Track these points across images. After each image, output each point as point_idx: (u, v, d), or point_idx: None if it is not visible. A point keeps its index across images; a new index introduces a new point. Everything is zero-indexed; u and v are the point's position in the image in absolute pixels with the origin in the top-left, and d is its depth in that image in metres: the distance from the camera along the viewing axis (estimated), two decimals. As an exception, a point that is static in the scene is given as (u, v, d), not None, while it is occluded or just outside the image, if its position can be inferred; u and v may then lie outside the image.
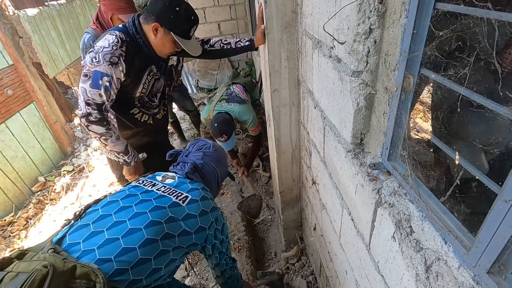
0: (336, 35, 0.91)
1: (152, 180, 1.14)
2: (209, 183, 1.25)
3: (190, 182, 1.15)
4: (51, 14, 4.12)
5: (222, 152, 1.35)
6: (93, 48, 1.33)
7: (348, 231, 1.16)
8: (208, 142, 1.32)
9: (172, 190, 1.08)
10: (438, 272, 0.63)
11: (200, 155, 1.26)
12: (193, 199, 1.07)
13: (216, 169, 1.27)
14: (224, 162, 1.34)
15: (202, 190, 1.13)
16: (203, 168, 1.23)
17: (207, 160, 1.25)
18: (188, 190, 1.11)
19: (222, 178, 1.33)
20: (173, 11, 1.35)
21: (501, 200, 0.47)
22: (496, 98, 0.49)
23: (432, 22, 0.57)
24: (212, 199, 1.16)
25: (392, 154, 0.83)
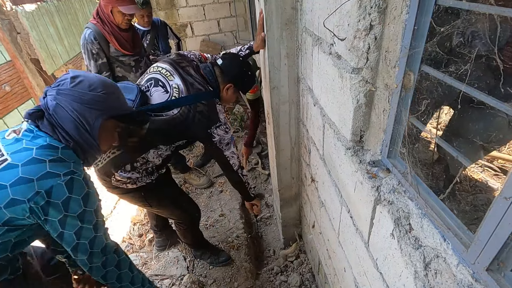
0: (336, 32, 0.91)
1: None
2: (67, 133, 0.94)
3: (34, 137, 0.90)
4: (49, 10, 4.09)
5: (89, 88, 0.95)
6: (220, 121, 1.43)
7: (347, 229, 1.16)
8: (67, 77, 0.96)
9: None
10: (437, 270, 0.63)
11: (53, 93, 0.93)
12: (12, 163, 0.84)
13: (77, 112, 0.93)
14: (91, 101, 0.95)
15: (37, 149, 0.87)
16: (55, 113, 0.92)
17: (62, 100, 0.92)
18: (15, 150, 0.87)
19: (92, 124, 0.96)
20: (246, 75, 1.55)
21: (501, 197, 0.47)
22: (497, 94, 0.49)
23: (433, 18, 0.57)
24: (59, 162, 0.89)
25: (391, 151, 0.83)
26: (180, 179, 3.03)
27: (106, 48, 2.18)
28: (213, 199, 2.79)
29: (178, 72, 1.43)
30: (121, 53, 2.24)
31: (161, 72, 1.44)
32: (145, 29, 2.87)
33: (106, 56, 2.19)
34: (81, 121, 0.94)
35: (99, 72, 2.18)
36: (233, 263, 2.11)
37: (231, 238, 2.31)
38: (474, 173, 1.41)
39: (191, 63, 1.51)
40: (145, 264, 2.16)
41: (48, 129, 0.93)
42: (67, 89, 0.93)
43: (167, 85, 1.41)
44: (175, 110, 1.36)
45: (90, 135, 0.97)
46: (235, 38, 5.10)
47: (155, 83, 1.43)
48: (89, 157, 1.03)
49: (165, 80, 1.42)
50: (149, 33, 2.89)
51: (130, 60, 2.32)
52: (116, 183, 1.49)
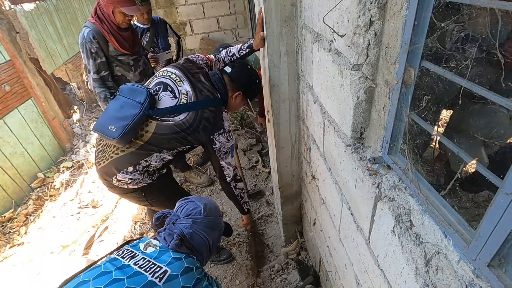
0: (336, 28, 0.90)
1: (133, 250, 1.04)
2: (199, 252, 1.12)
3: (173, 251, 1.04)
4: (48, 9, 4.08)
5: (215, 214, 1.19)
6: (224, 129, 1.46)
7: (347, 226, 1.16)
8: (199, 205, 1.15)
9: (150, 264, 0.97)
10: (438, 266, 0.63)
11: (188, 223, 1.10)
12: (172, 274, 0.96)
13: (208, 237, 1.13)
14: (217, 226, 1.19)
15: (185, 260, 1.02)
16: (191, 239, 1.09)
17: (197, 228, 1.11)
18: (168, 261, 0.99)
19: (215, 243, 1.19)
20: (255, 83, 1.60)
21: (502, 193, 0.47)
22: (498, 90, 0.48)
23: (434, 13, 0.56)
24: (198, 268, 1.05)
25: (392, 148, 0.82)
26: (181, 178, 3.04)
27: (105, 47, 2.17)
28: (214, 198, 2.79)
29: (187, 78, 1.44)
30: (120, 52, 2.23)
31: (170, 77, 1.44)
32: (144, 26, 2.87)
33: (105, 55, 2.19)
34: (208, 242, 1.14)
35: (98, 71, 2.18)
36: (234, 261, 2.12)
37: (232, 236, 2.32)
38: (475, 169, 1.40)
39: (201, 70, 1.53)
40: (146, 263, 2.16)
41: (187, 252, 1.07)
42: (201, 217, 1.13)
43: (176, 90, 1.41)
44: (181, 116, 1.37)
45: (210, 251, 1.17)
46: (234, 36, 5.09)
47: (164, 88, 1.43)
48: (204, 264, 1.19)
49: (174, 85, 1.42)
50: (148, 30, 2.89)
51: (129, 59, 2.31)
52: (117, 183, 1.50)
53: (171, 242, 1.04)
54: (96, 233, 2.66)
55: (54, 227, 2.84)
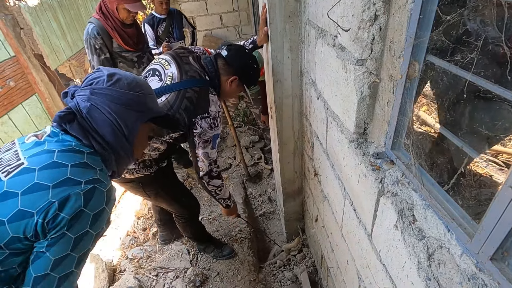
0: (340, 23, 0.90)
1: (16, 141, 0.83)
2: (103, 138, 0.83)
3: (58, 140, 0.79)
4: (52, 5, 4.09)
5: (131, 89, 0.86)
6: (209, 114, 1.34)
7: (350, 222, 1.16)
8: (103, 73, 0.85)
9: (12, 156, 0.76)
10: (440, 260, 0.63)
11: (86, 94, 0.81)
12: (28, 167, 0.72)
13: (115, 115, 0.83)
14: (134, 103, 0.86)
15: (59, 153, 0.76)
16: (89, 115, 0.81)
17: (98, 100, 0.81)
18: (34, 154, 0.75)
19: (131, 128, 0.87)
20: (252, 68, 1.47)
21: (506, 186, 0.47)
22: (504, 83, 0.48)
23: (439, 6, 0.56)
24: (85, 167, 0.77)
25: (395, 143, 0.82)
26: (183, 174, 3.05)
27: (109, 43, 2.18)
28: (216, 194, 2.80)
29: (175, 61, 1.39)
30: (123, 49, 2.24)
31: (160, 62, 1.43)
32: (161, 16, 2.94)
33: (109, 51, 2.20)
34: (119, 124, 0.84)
35: None
36: (236, 257, 2.13)
37: (234, 232, 2.33)
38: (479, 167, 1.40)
39: (192, 53, 1.48)
40: (149, 257, 2.18)
41: (79, 133, 0.81)
42: (104, 88, 0.82)
43: (163, 74, 1.38)
44: (163, 97, 1.32)
45: (127, 140, 0.87)
46: (237, 33, 5.07)
47: (152, 73, 1.42)
48: (120, 166, 0.92)
49: (162, 69, 1.40)
50: (165, 21, 2.96)
51: (132, 56, 2.32)
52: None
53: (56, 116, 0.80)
54: (99, 228, 2.68)
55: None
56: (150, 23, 2.92)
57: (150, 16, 2.96)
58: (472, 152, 0.56)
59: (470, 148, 0.57)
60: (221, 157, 3.29)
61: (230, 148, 3.39)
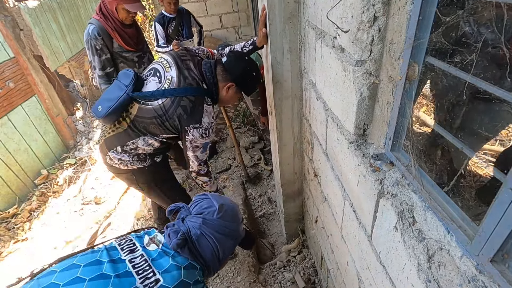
0: (339, 24, 0.90)
1: (135, 242, 0.95)
2: (203, 259, 0.97)
3: (174, 256, 0.92)
4: (52, 6, 4.09)
5: (233, 220, 1.02)
6: (201, 125, 1.39)
7: (349, 223, 1.16)
8: (214, 205, 0.99)
9: (146, 266, 0.87)
10: (440, 262, 0.63)
11: (198, 222, 0.96)
12: (164, 285, 0.84)
13: (217, 243, 0.96)
14: (232, 233, 1.01)
15: (184, 271, 0.89)
16: (197, 241, 0.95)
17: (206, 231, 0.96)
18: (165, 268, 0.87)
19: (226, 253, 1.01)
20: (250, 76, 1.47)
21: (507, 188, 0.47)
22: (504, 85, 0.48)
23: (439, 8, 0.56)
24: (198, 283, 0.92)
25: (395, 144, 0.82)
26: (183, 175, 3.05)
27: (110, 44, 2.18)
28: (216, 195, 2.80)
29: (176, 65, 1.42)
30: (124, 49, 2.24)
31: (162, 63, 1.45)
32: (171, 16, 2.98)
33: (110, 51, 2.20)
34: (217, 250, 0.97)
35: (103, 67, 2.19)
36: (236, 258, 2.12)
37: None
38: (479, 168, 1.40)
39: (194, 58, 1.49)
40: (149, 259, 2.18)
41: (189, 256, 0.94)
42: (214, 219, 0.97)
43: (163, 76, 1.41)
44: (159, 101, 1.36)
45: (219, 261, 1.01)
46: (237, 34, 5.08)
47: (153, 73, 1.45)
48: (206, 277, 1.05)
49: (163, 71, 1.43)
50: (174, 20, 3.00)
51: (133, 56, 2.32)
52: (109, 161, 1.56)
53: (173, 240, 0.92)
54: (99, 229, 2.68)
55: (57, 223, 2.87)
56: (160, 22, 2.96)
57: (160, 15, 3.01)
58: (472, 153, 0.56)
59: (470, 149, 0.57)
60: (220, 158, 3.29)
61: (229, 149, 3.39)
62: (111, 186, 3.24)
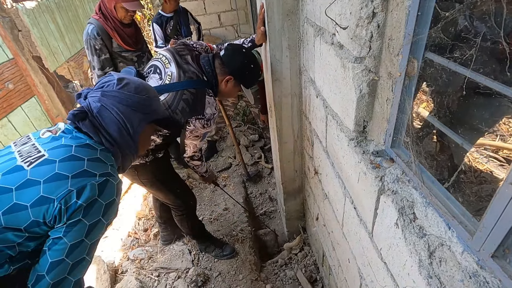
0: (338, 20, 0.90)
1: (31, 136, 0.90)
2: (110, 135, 0.91)
3: (72, 137, 0.87)
4: (50, 7, 4.08)
5: (139, 92, 0.95)
6: (203, 116, 1.41)
7: (350, 220, 1.16)
8: (113, 77, 0.94)
9: (32, 149, 0.84)
10: (441, 258, 0.63)
11: (97, 95, 0.90)
12: (49, 159, 0.80)
13: (122, 115, 0.91)
14: (140, 106, 0.94)
15: (77, 148, 0.84)
16: (99, 114, 0.89)
17: (107, 102, 0.90)
18: (53, 147, 0.83)
19: (136, 128, 0.95)
20: (248, 68, 1.46)
21: (507, 183, 0.46)
22: (503, 79, 0.48)
23: (437, 3, 0.56)
24: (97, 161, 0.85)
25: (395, 141, 0.82)
26: (184, 174, 3.05)
27: (109, 44, 2.18)
28: (216, 193, 2.80)
29: (175, 60, 1.42)
30: (123, 49, 2.24)
31: (161, 59, 1.45)
32: (169, 15, 2.97)
33: (109, 51, 2.20)
34: (125, 124, 0.92)
35: (102, 67, 2.18)
36: (237, 256, 2.13)
37: (235, 231, 2.33)
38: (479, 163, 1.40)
39: (192, 52, 1.48)
40: (150, 258, 2.18)
41: (90, 130, 0.89)
42: (113, 91, 0.91)
43: (163, 72, 1.41)
44: (162, 97, 1.36)
45: (131, 138, 0.95)
46: (236, 32, 5.06)
47: (154, 70, 1.45)
48: (125, 162, 1.00)
49: (162, 67, 1.43)
50: (172, 19, 2.99)
51: (132, 55, 2.32)
52: None
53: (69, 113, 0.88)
54: (100, 229, 2.68)
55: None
56: (158, 23, 2.95)
57: (157, 15, 3.00)
58: (472, 148, 0.56)
59: (470, 145, 0.57)
60: (221, 157, 3.29)
61: (230, 147, 3.39)
62: (112, 186, 3.23)
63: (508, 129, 1.32)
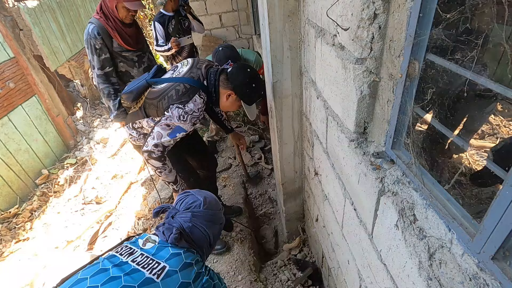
0: (339, 22, 0.90)
1: (132, 247, 1.02)
2: (199, 246, 1.08)
3: (172, 246, 1.01)
4: (51, 6, 4.09)
5: (215, 208, 1.14)
6: (184, 107, 1.45)
7: (350, 221, 1.16)
8: (198, 199, 1.12)
9: (149, 260, 0.95)
10: (441, 260, 0.63)
11: (188, 216, 1.07)
12: (171, 270, 0.93)
13: (208, 230, 1.09)
14: (217, 219, 1.14)
15: (184, 255, 0.99)
16: (191, 233, 1.06)
17: (197, 222, 1.07)
18: (167, 257, 0.96)
19: (215, 237, 1.15)
20: (249, 87, 1.53)
21: (508, 186, 0.46)
22: (505, 82, 0.48)
23: (439, 4, 0.56)
24: (198, 263, 1.02)
25: (396, 142, 0.82)
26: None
27: (109, 43, 2.18)
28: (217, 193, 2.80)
29: (192, 64, 1.58)
30: (124, 48, 2.24)
31: (183, 62, 1.65)
32: (170, 14, 3.01)
33: (109, 51, 2.20)
34: (209, 236, 1.10)
35: (102, 67, 2.18)
36: (231, 253, 2.12)
37: (235, 232, 2.33)
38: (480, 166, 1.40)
39: (208, 64, 1.62)
40: (150, 258, 2.18)
41: (186, 245, 1.03)
42: (201, 211, 1.08)
43: (178, 70, 1.59)
44: (163, 84, 1.53)
45: (210, 246, 1.13)
46: (237, 33, 5.07)
47: (173, 68, 1.65)
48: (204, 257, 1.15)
49: (180, 66, 1.61)
50: (173, 18, 3.03)
51: (133, 55, 2.32)
52: (127, 135, 1.79)
53: (169, 236, 1.01)
54: (100, 229, 2.68)
55: (58, 223, 2.87)
56: (160, 21, 2.96)
57: (159, 14, 3.02)
58: (467, 146, 0.56)
59: (471, 147, 0.57)
60: (221, 157, 3.29)
61: (230, 148, 3.39)
62: (112, 186, 3.24)
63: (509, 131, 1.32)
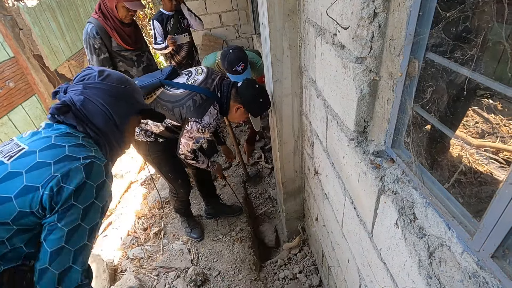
0: (339, 20, 0.90)
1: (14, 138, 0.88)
2: (96, 126, 0.90)
3: (53, 129, 0.86)
4: (51, 6, 4.08)
5: (117, 81, 0.94)
6: (201, 121, 1.58)
7: (350, 220, 1.16)
8: (94, 70, 0.93)
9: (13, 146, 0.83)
10: (441, 258, 0.63)
11: (79, 88, 0.89)
12: (29, 150, 0.79)
13: (107, 106, 0.90)
14: (121, 95, 0.94)
15: (58, 136, 0.83)
16: (83, 107, 0.88)
17: (90, 94, 0.88)
18: (34, 139, 0.83)
19: (123, 117, 0.95)
20: (257, 102, 1.63)
21: (507, 184, 0.46)
22: (505, 80, 0.48)
23: (439, 3, 0.56)
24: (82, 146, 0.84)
25: (395, 141, 0.82)
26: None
27: (108, 43, 2.18)
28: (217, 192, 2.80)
29: (207, 73, 1.68)
30: (123, 48, 2.24)
31: (197, 69, 1.73)
32: (169, 13, 2.99)
33: (108, 50, 2.19)
34: (111, 114, 0.91)
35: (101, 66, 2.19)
36: (231, 252, 2.13)
37: (235, 231, 2.33)
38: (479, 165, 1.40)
39: (222, 76, 1.72)
40: (150, 257, 2.18)
41: (74, 122, 0.88)
42: (96, 82, 0.90)
43: (192, 76, 1.68)
44: (180, 90, 1.60)
45: (118, 129, 0.94)
46: (237, 32, 5.06)
47: (187, 73, 1.71)
48: (113, 155, 0.98)
49: (195, 73, 1.70)
50: (173, 17, 3.00)
51: (132, 55, 2.32)
52: None
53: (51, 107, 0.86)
54: (100, 228, 2.68)
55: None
56: (159, 20, 2.96)
57: (158, 13, 3.01)
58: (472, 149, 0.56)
59: (470, 145, 0.57)
60: (221, 157, 3.29)
61: (230, 147, 3.39)
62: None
63: (509, 130, 1.32)
